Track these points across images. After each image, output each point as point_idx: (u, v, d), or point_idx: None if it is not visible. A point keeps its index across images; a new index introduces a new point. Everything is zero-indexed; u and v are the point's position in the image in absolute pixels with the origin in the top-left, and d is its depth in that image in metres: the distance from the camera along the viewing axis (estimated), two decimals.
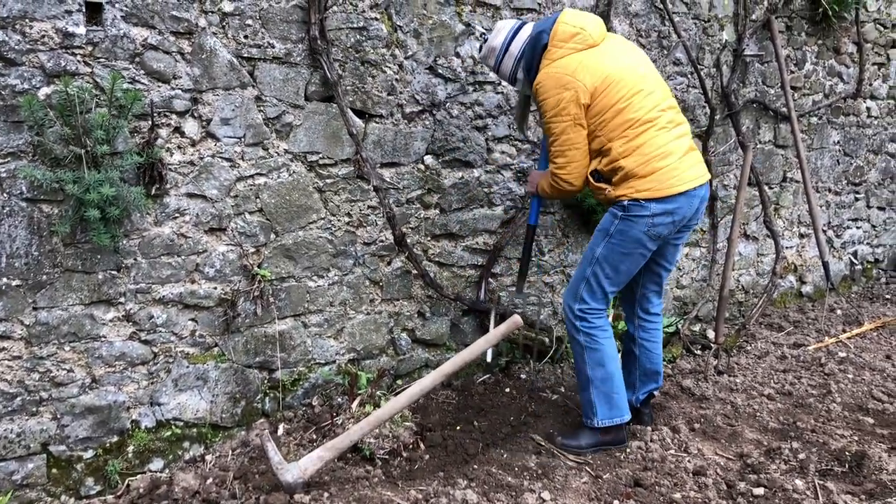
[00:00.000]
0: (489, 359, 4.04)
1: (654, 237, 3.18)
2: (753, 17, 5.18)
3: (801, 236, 6.04)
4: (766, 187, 5.51)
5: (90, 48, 2.85)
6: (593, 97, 3.09)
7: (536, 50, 3.21)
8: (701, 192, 3.23)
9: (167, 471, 3.22)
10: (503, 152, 4.14)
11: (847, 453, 3.33)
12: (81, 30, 2.82)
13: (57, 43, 2.78)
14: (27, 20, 2.72)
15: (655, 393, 3.75)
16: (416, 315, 4.00)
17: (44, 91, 2.77)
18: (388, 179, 3.74)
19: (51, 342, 2.94)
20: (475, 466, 3.16)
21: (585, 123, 3.13)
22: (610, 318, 3.76)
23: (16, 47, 2.72)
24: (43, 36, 2.75)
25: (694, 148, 3.28)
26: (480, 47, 3.51)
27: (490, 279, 4.19)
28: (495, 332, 3.39)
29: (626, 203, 3.14)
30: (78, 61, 2.83)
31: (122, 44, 2.91)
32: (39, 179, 2.74)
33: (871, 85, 6.23)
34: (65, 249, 2.92)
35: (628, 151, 3.10)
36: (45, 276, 2.89)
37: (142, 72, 2.98)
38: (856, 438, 3.58)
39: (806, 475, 3.19)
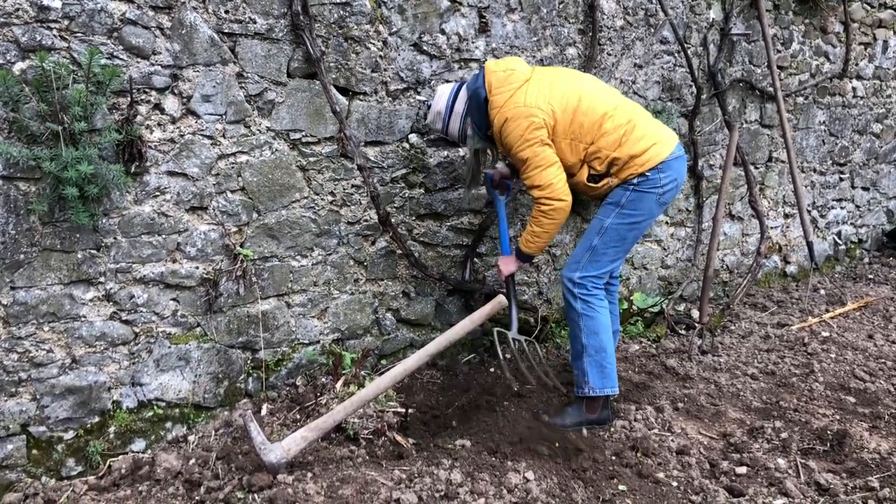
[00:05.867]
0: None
1: (664, 203, 3.40)
2: None
3: (786, 216, 6.06)
4: (751, 167, 5.51)
5: (66, 22, 2.79)
6: (554, 116, 3.25)
7: (480, 106, 3.35)
8: (682, 149, 3.45)
9: (149, 451, 3.20)
10: None
11: (829, 432, 3.35)
12: (57, 3, 2.75)
13: (32, 16, 2.71)
14: None
15: None
16: (400, 295, 3.98)
17: (19, 66, 2.71)
18: (372, 158, 3.70)
19: (29, 322, 2.90)
20: (459, 446, 3.16)
21: (552, 143, 3.27)
22: None
23: None
24: (17, 9, 2.68)
25: (653, 119, 3.51)
26: (425, 115, 3.65)
27: (475, 259, 4.18)
28: (480, 313, 3.37)
29: (636, 180, 3.31)
30: (54, 36, 2.77)
31: (100, 18, 2.85)
32: (15, 157, 2.69)
33: (857, 65, 6.23)
34: (43, 228, 2.87)
35: (616, 143, 3.28)
36: (22, 255, 2.85)
37: (120, 47, 2.91)
38: (837, 417, 3.61)
39: (788, 454, 3.21)
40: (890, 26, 6.41)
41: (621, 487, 2.93)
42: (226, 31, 3.16)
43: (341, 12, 3.47)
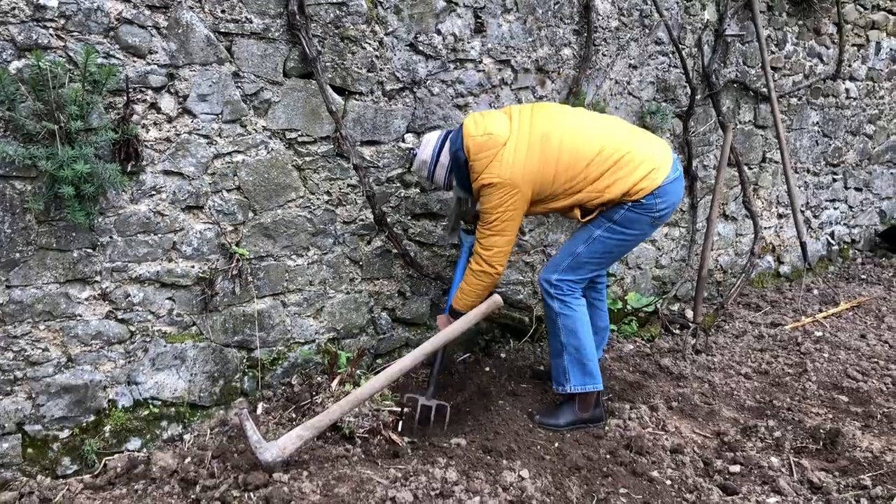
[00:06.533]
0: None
1: (657, 225, 3.40)
2: None
3: (780, 217, 6.08)
4: (745, 168, 5.53)
5: (63, 21, 2.79)
6: (533, 183, 3.25)
7: (461, 167, 3.35)
8: (678, 169, 3.38)
9: (145, 450, 3.20)
10: None
11: (822, 431, 3.37)
12: (53, 2, 2.75)
13: (28, 15, 2.71)
14: None
15: (607, 358, 4.03)
16: (396, 294, 3.99)
17: (15, 65, 2.71)
18: (368, 158, 3.71)
19: (25, 321, 2.90)
20: (455, 445, 3.17)
21: (523, 209, 3.30)
22: None
23: None
24: (13, 7, 2.68)
25: (644, 131, 3.47)
26: (411, 162, 3.65)
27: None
28: (475, 312, 3.39)
29: (630, 204, 3.28)
30: (50, 35, 2.77)
31: (96, 17, 2.85)
32: (11, 155, 2.68)
33: (850, 66, 6.26)
34: (39, 227, 2.87)
35: (605, 187, 3.25)
36: (18, 254, 2.85)
37: (116, 46, 2.92)
38: (830, 416, 3.63)
39: (781, 453, 3.23)
40: (883, 28, 6.44)
41: (616, 486, 2.95)
42: (222, 30, 3.16)
43: (337, 12, 3.47)
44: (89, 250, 3.00)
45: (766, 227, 5.95)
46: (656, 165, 3.26)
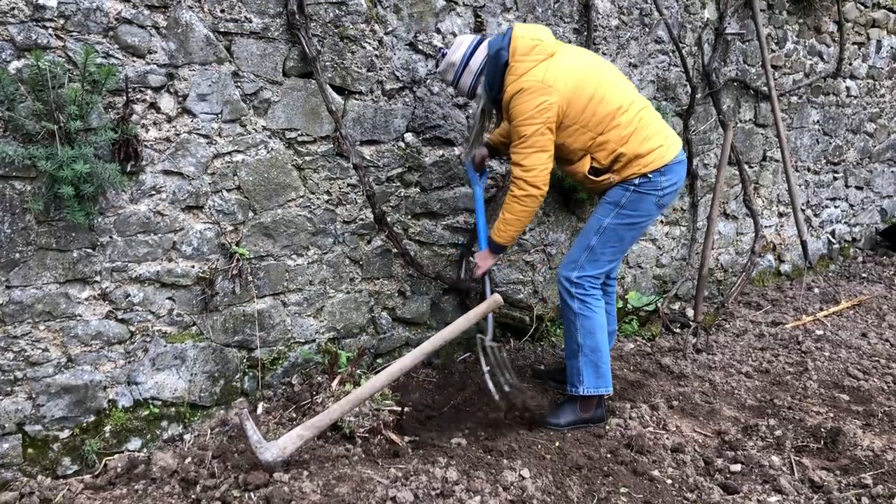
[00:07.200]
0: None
1: (662, 206, 3.40)
2: None
3: (780, 215, 6.08)
4: (745, 166, 5.53)
5: (62, 21, 2.78)
6: (569, 101, 3.20)
7: (498, 67, 3.26)
8: (684, 154, 3.45)
9: (145, 450, 3.20)
10: None
11: (822, 430, 3.37)
12: (53, 2, 2.75)
13: (27, 15, 2.71)
14: None
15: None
16: (396, 294, 3.98)
17: (14, 65, 2.71)
18: (367, 157, 3.70)
19: (25, 321, 2.90)
20: (455, 444, 3.16)
21: (555, 129, 3.22)
22: None
23: None
24: (13, 8, 2.68)
25: (662, 119, 3.47)
26: (437, 62, 3.53)
27: (471, 258, 4.18)
28: (475, 311, 3.39)
29: (636, 181, 3.29)
30: (49, 34, 2.76)
31: (96, 17, 2.85)
32: (11, 156, 2.68)
33: (850, 64, 6.25)
34: (38, 227, 2.87)
35: (625, 139, 3.25)
36: (18, 255, 2.85)
37: (116, 46, 2.91)
38: (831, 415, 3.63)
39: (782, 451, 3.23)
40: (883, 26, 6.43)
41: (616, 485, 2.94)
42: (221, 30, 3.16)
43: (337, 11, 3.47)
44: (89, 250, 3.00)
45: (766, 226, 5.94)
46: (668, 143, 3.33)
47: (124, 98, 2.94)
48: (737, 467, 3.09)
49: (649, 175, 3.27)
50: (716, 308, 5.11)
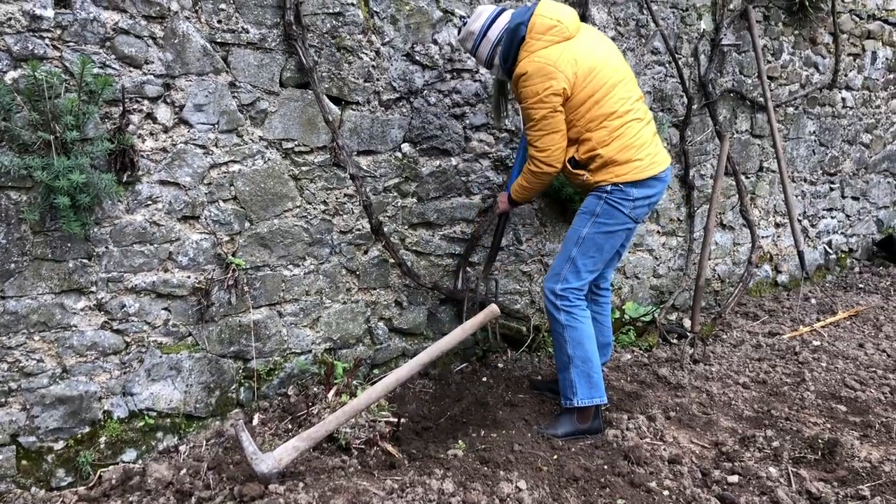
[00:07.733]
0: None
1: (636, 218, 3.39)
2: (731, 6, 5.19)
3: (777, 226, 6.08)
4: (742, 177, 5.54)
5: (59, 31, 2.79)
6: (574, 88, 3.20)
7: (514, 41, 3.27)
8: (668, 176, 3.44)
9: (140, 462, 3.18)
10: (481, 141, 4.12)
11: (820, 441, 3.36)
12: (50, 12, 2.76)
13: (24, 26, 2.71)
14: None
15: (605, 370, 3.96)
16: (393, 304, 3.98)
17: (11, 75, 2.71)
18: (364, 167, 3.70)
19: (20, 332, 2.89)
20: (451, 456, 3.15)
21: (563, 111, 3.24)
22: None
23: None
24: (9, 18, 2.68)
25: (656, 134, 3.49)
26: (459, 30, 3.58)
27: (468, 268, 4.18)
28: (472, 322, 3.37)
29: (608, 188, 3.30)
30: (46, 45, 2.77)
31: (92, 27, 2.85)
32: (7, 166, 2.68)
33: (846, 75, 6.28)
34: (34, 237, 2.86)
35: (608, 141, 3.25)
36: (13, 265, 2.84)
37: (112, 56, 2.92)
38: (829, 426, 3.62)
39: (779, 463, 3.22)
40: (879, 37, 6.46)
41: (613, 497, 2.93)
42: (218, 40, 3.16)
43: (334, 22, 3.48)
44: (85, 260, 2.99)
45: (763, 237, 5.95)
46: (649, 160, 3.32)
47: (121, 108, 2.94)
48: (734, 479, 3.08)
49: (621, 185, 3.28)
50: (713, 319, 5.11)
